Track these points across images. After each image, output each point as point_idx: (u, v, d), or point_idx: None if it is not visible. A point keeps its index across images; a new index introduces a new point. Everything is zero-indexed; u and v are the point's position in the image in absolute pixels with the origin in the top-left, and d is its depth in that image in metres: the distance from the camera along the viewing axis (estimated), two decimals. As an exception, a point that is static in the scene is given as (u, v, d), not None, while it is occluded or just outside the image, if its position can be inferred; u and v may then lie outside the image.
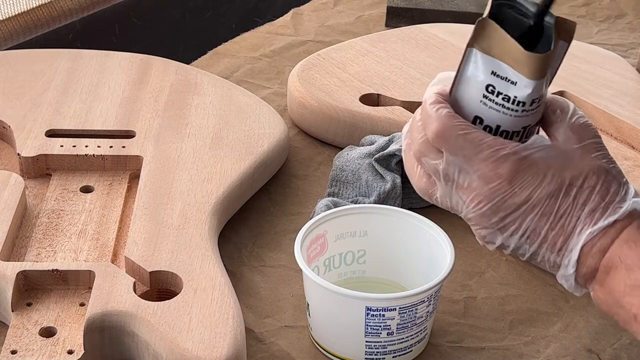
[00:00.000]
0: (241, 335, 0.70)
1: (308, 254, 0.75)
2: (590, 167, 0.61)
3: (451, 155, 0.62)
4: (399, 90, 1.00)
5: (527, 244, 0.62)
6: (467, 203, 0.62)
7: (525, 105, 0.61)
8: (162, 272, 0.75)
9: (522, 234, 0.62)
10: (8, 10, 1.22)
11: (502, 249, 0.64)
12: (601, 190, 0.60)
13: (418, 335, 0.73)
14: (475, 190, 0.61)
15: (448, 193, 0.63)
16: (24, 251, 0.79)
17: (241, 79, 1.10)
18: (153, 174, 0.86)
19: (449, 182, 0.63)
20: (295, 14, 1.27)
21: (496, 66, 0.61)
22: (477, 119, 0.63)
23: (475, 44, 0.61)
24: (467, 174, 0.61)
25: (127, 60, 1.04)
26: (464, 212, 0.63)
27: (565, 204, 0.60)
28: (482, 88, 0.62)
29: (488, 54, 0.61)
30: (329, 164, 0.95)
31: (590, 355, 0.76)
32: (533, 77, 0.60)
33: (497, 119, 0.62)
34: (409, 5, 1.25)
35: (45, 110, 0.94)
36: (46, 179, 0.88)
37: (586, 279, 0.62)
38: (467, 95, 0.63)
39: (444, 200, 0.64)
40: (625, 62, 1.08)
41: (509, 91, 0.61)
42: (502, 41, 0.60)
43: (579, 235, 0.60)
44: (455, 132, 0.61)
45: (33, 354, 0.69)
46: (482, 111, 0.62)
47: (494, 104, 0.62)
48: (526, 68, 0.60)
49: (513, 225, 0.61)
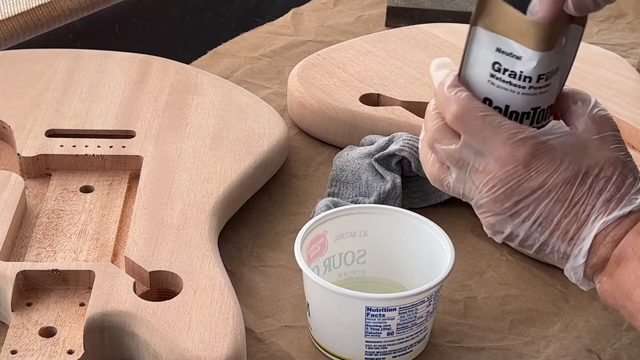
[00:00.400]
0: (241, 335, 0.70)
1: (308, 254, 0.75)
2: (608, 158, 0.61)
3: (469, 137, 0.61)
4: (399, 90, 1.00)
5: (538, 233, 0.61)
6: (480, 187, 0.62)
7: (532, 81, 0.60)
8: (162, 272, 0.75)
9: (534, 220, 0.61)
10: (8, 10, 1.22)
11: (510, 240, 0.63)
12: (617, 181, 0.60)
13: (418, 335, 0.73)
14: (490, 173, 0.61)
15: (462, 178, 0.63)
16: (24, 251, 0.79)
17: (241, 79, 1.10)
18: (153, 174, 0.86)
19: (464, 166, 0.62)
20: (295, 14, 1.27)
21: (501, 42, 0.60)
22: (486, 100, 0.62)
23: (478, 21, 0.61)
24: (484, 156, 0.61)
25: (127, 60, 1.04)
26: (476, 197, 0.63)
27: (581, 191, 0.60)
28: (488, 67, 0.61)
29: (492, 31, 0.60)
30: (329, 164, 0.95)
31: (590, 355, 0.76)
32: (537, 47, 0.59)
33: (506, 98, 0.62)
34: (409, 5, 1.25)
35: (45, 110, 0.94)
36: (46, 179, 0.88)
37: (595, 269, 0.61)
38: (474, 76, 0.62)
39: (456, 186, 0.64)
40: (625, 62, 1.08)
41: (515, 67, 0.60)
42: (505, 14, 0.59)
43: (593, 223, 0.60)
44: (474, 114, 0.61)
45: (33, 354, 0.69)
46: (491, 91, 0.62)
47: (501, 82, 0.61)
48: (530, 38, 0.59)
49: (526, 211, 0.61)
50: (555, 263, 0.63)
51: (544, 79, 0.61)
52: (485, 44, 0.61)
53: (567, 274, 0.63)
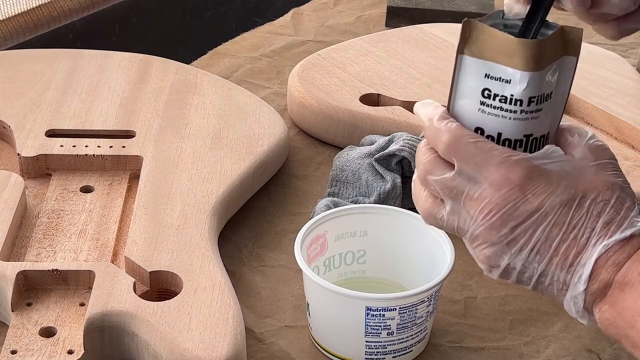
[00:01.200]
0: (241, 335, 0.70)
1: (308, 254, 0.75)
2: (605, 182, 0.60)
3: (463, 164, 0.60)
4: (399, 90, 1.01)
5: (536, 262, 0.60)
6: (475, 216, 0.60)
7: (522, 104, 0.60)
8: (162, 272, 0.75)
9: (532, 247, 0.59)
10: (8, 10, 1.22)
11: (506, 275, 0.61)
12: (616, 204, 0.59)
13: (418, 335, 0.73)
14: (485, 198, 0.60)
15: (456, 209, 0.61)
16: (24, 251, 0.79)
17: (241, 79, 1.10)
18: (153, 174, 0.86)
19: (459, 195, 0.61)
20: (295, 14, 1.27)
21: (489, 68, 0.60)
22: (478, 129, 0.61)
23: (465, 49, 0.60)
24: (478, 182, 0.60)
25: (127, 60, 1.04)
26: (472, 228, 0.61)
27: (579, 214, 0.59)
28: (478, 94, 0.61)
29: (479, 57, 0.60)
30: (329, 164, 0.95)
31: (590, 355, 0.76)
32: (527, 67, 0.59)
33: (498, 125, 0.61)
34: (409, 5, 1.25)
35: (45, 110, 0.94)
36: (46, 179, 0.88)
37: (595, 297, 0.59)
38: (464, 106, 0.62)
39: (450, 219, 0.62)
40: (625, 62, 1.08)
41: (505, 91, 0.60)
42: (492, 38, 0.59)
43: (594, 247, 0.58)
44: (466, 141, 0.60)
45: (33, 354, 0.69)
46: (482, 120, 0.61)
47: (492, 108, 0.61)
48: (518, 59, 0.58)
49: (523, 237, 0.59)
50: (555, 297, 0.61)
51: (535, 102, 0.60)
52: (473, 72, 0.60)
53: (567, 305, 0.61)
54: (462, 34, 0.60)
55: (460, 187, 0.61)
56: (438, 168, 0.62)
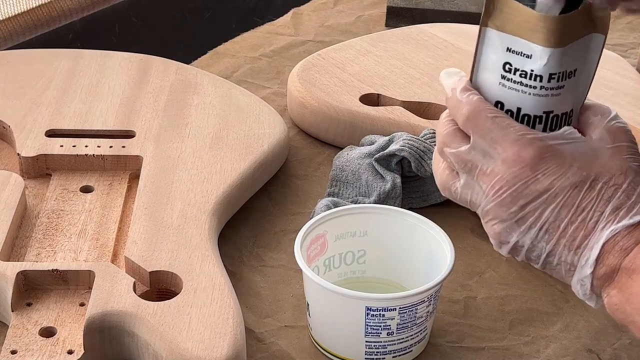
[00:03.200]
0: (241, 335, 0.70)
1: (308, 254, 0.75)
2: (619, 166, 0.59)
3: (479, 138, 0.61)
4: (399, 90, 1.00)
5: (545, 241, 0.60)
6: (487, 191, 0.61)
7: (542, 80, 0.59)
8: (162, 272, 0.75)
9: (540, 226, 0.59)
10: (8, 10, 1.22)
11: (515, 252, 0.62)
12: (628, 189, 0.59)
13: (418, 335, 0.73)
14: (497, 175, 0.60)
15: (470, 183, 0.62)
16: (24, 251, 0.79)
17: (241, 79, 1.10)
18: (153, 174, 0.86)
19: (473, 169, 0.61)
20: (295, 14, 1.27)
21: (511, 42, 0.59)
22: (498, 103, 0.62)
23: (488, 22, 0.60)
24: (491, 158, 0.60)
25: (127, 60, 1.04)
26: (483, 203, 0.61)
27: (589, 197, 0.59)
28: (499, 68, 0.61)
29: (502, 30, 0.60)
30: (329, 164, 0.95)
31: (590, 355, 0.76)
32: (547, 43, 0.58)
33: (517, 100, 0.61)
34: (409, 5, 1.25)
35: (45, 110, 0.94)
36: (46, 179, 0.88)
37: (603, 281, 0.59)
38: (486, 79, 0.62)
39: (464, 192, 0.63)
40: (625, 62, 1.08)
41: (525, 65, 0.60)
42: (514, 12, 0.59)
43: (602, 231, 0.58)
44: (485, 115, 0.61)
45: (33, 354, 0.69)
46: (502, 94, 0.61)
47: (512, 83, 0.60)
48: (540, 34, 0.58)
49: (532, 216, 0.59)
50: (563, 278, 0.61)
51: (556, 79, 0.60)
52: (496, 45, 0.60)
53: (574, 287, 0.61)
54: (486, 6, 0.59)
55: (475, 161, 0.61)
56: (455, 140, 0.63)
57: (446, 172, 0.64)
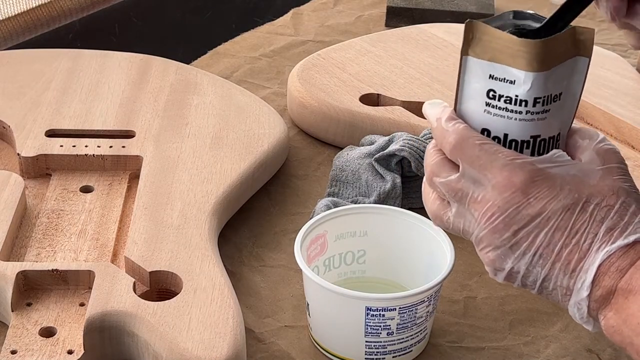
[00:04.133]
0: (241, 335, 0.70)
1: (308, 254, 0.75)
2: (610, 187, 0.59)
3: (468, 165, 0.60)
4: (399, 90, 1.01)
5: (540, 266, 0.59)
6: (479, 218, 0.60)
7: (528, 105, 0.59)
8: (162, 272, 0.75)
9: (534, 251, 0.59)
10: (8, 10, 1.22)
11: (511, 278, 0.61)
12: (620, 209, 0.58)
13: (418, 335, 0.73)
14: (488, 201, 0.59)
15: (461, 212, 0.61)
16: (23, 251, 0.79)
17: (241, 79, 1.10)
18: (153, 174, 0.86)
19: (464, 197, 0.61)
20: (295, 14, 1.27)
21: (493, 68, 0.59)
22: (485, 131, 0.61)
23: (469, 51, 0.60)
24: (482, 185, 0.60)
25: (127, 60, 1.04)
26: (476, 231, 0.61)
27: (582, 219, 0.58)
28: (483, 95, 0.60)
29: (483, 59, 0.59)
30: (329, 164, 0.95)
31: (590, 355, 0.76)
32: (530, 67, 0.58)
33: (503, 126, 0.61)
34: (409, 5, 1.25)
35: (45, 110, 0.94)
36: (46, 179, 0.88)
37: (599, 303, 0.58)
38: (470, 108, 0.61)
39: (456, 221, 0.62)
40: (625, 62, 1.08)
41: (509, 91, 0.59)
42: (494, 38, 0.58)
43: (596, 253, 0.57)
44: (472, 142, 0.60)
45: (33, 354, 0.69)
46: (488, 121, 0.61)
47: (497, 109, 0.60)
48: (522, 59, 0.58)
49: (526, 241, 0.59)
50: (559, 302, 0.60)
51: (541, 103, 0.60)
52: (478, 73, 0.60)
53: (571, 311, 0.60)
54: (465, 35, 0.59)
55: (465, 189, 0.61)
56: (444, 170, 0.62)
57: (437, 203, 0.64)
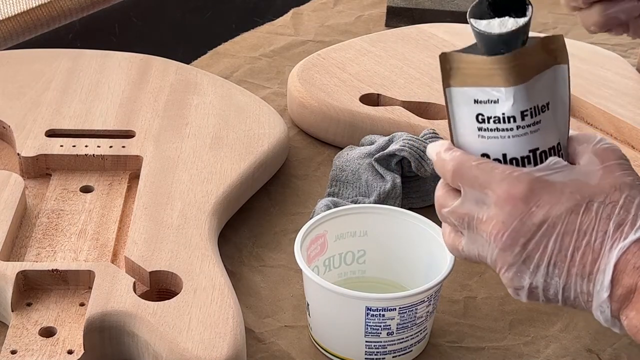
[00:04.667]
0: (241, 335, 0.70)
1: (308, 254, 0.75)
2: (612, 184, 0.58)
3: (468, 187, 0.60)
4: (399, 90, 1.00)
5: (557, 276, 0.58)
6: (488, 239, 0.59)
7: (516, 120, 0.59)
8: (162, 272, 0.75)
9: (548, 261, 0.58)
10: (8, 10, 1.22)
11: (533, 295, 0.60)
12: (625, 204, 0.57)
13: (418, 335, 0.73)
14: (493, 219, 0.59)
15: (472, 237, 0.61)
16: (23, 251, 0.79)
17: (241, 79, 1.10)
18: (153, 174, 0.86)
19: (470, 221, 0.60)
20: (295, 14, 1.27)
21: (475, 93, 0.60)
22: (484, 155, 0.61)
23: (450, 82, 0.60)
24: (484, 204, 0.60)
25: (127, 60, 1.04)
26: (489, 253, 0.60)
27: (588, 219, 0.57)
28: (473, 121, 0.61)
29: (463, 86, 0.60)
30: (329, 164, 0.95)
31: (590, 355, 0.76)
32: (508, 82, 0.58)
33: (500, 146, 0.61)
34: (409, 5, 1.25)
35: (45, 110, 0.94)
36: (46, 179, 0.88)
37: (620, 303, 0.57)
38: (465, 137, 0.62)
39: (470, 248, 0.61)
40: (625, 62, 1.08)
41: (495, 111, 0.60)
42: (468, 64, 0.59)
43: (610, 251, 0.56)
44: (468, 164, 0.60)
45: (33, 354, 0.69)
46: (484, 145, 0.61)
47: (489, 132, 0.61)
48: (498, 77, 0.58)
49: (537, 252, 0.58)
50: (585, 309, 0.59)
51: (529, 115, 0.60)
52: (463, 101, 0.61)
53: (596, 315, 0.59)
54: (442, 67, 0.60)
55: (470, 212, 0.60)
56: (449, 199, 0.62)
57: (452, 235, 0.63)
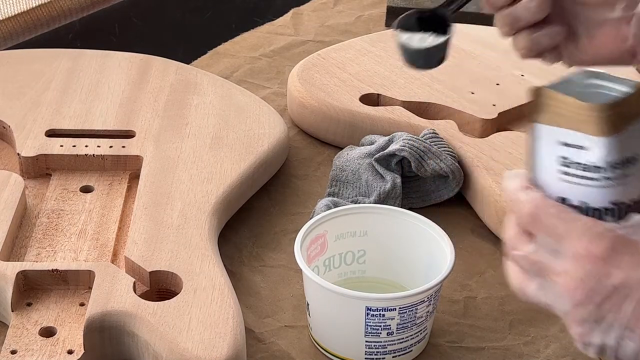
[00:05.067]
0: (241, 335, 0.70)
1: (308, 254, 0.75)
2: None
3: (544, 235, 0.58)
4: (399, 90, 1.00)
5: (630, 339, 0.55)
6: (561, 292, 0.57)
7: (605, 171, 0.56)
8: (162, 272, 0.75)
9: (621, 323, 0.55)
10: (8, 10, 1.22)
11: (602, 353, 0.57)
12: None
13: (418, 335, 0.73)
14: (568, 273, 0.56)
15: (543, 285, 0.59)
16: (24, 251, 0.79)
17: (241, 79, 1.10)
18: (153, 174, 0.86)
19: (542, 269, 0.58)
20: (295, 14, 1.27)
21: (565, 135, 0.57)
22: (561, 199, 0.59)
23: (538, 117, 0.58)
24: (560, 255, 0.57)
25: (127, 60, 1.04)
26: (560, 304, 0.58)
27: None
28: (556, 163, 0.58)
29: (552, 125, 0.57)
30: (329, 164, 0.95)
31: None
32: (600, 132, 0.55)
33: (581, 193, 0.58)
34: (409, 5, 1.25)
35: (45, 110, 0.94)
36: (46, 179, 0.88)
37: None
38: (545, 175, 0.59)
39: (539, 294, 0.59)
40: (625, 62, 1.08)
41: (583, 158, 0.57)
42: (562, 104, 0.56)
43: None
44: (547, 211, 0.58)
45: (33, 354, 0.69)
46: (564, 189, 0.58)
47: (572, 177, 0.57)
48: (591, 125, 0.56)
49: (611, 314, 0.55)
50: None
51: (618, 167, 0.57)
52: (549, 140, 0.58)
53: None
54: (534, 101, 0.57)
55: (544, 261, 0.58)
56: (521, 242, 0.59)
57: (520, 278, 0.61)
